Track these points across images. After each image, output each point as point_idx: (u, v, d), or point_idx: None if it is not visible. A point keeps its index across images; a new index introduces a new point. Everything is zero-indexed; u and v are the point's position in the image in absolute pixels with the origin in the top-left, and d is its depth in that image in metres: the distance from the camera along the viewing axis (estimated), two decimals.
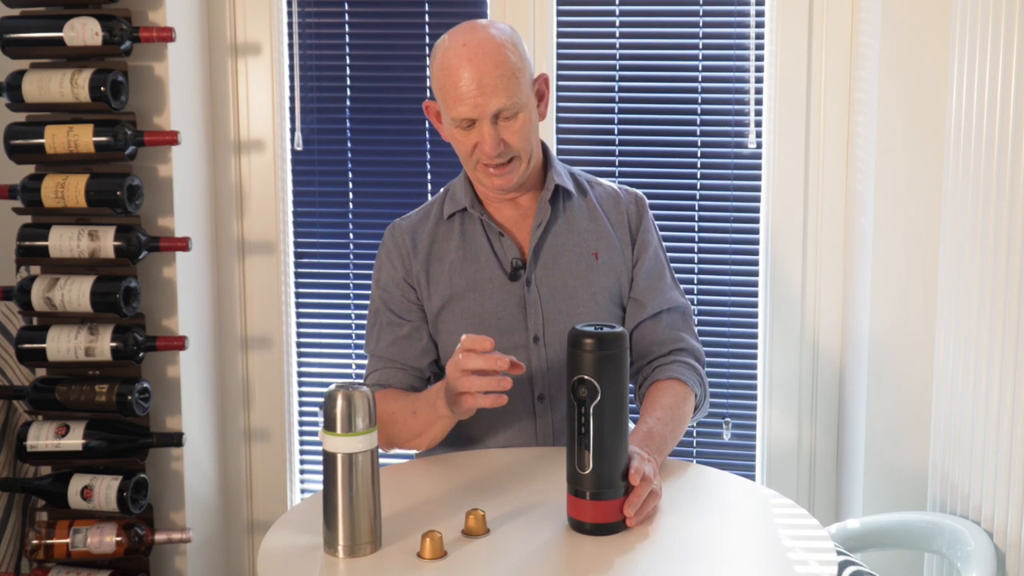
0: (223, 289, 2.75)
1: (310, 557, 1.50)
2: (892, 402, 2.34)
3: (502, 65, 1.81)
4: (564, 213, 1.97)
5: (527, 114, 1.86)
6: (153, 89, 2.47)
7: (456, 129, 1.87)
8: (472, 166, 1.90)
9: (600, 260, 1.95)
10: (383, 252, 2.01)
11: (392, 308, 1.98)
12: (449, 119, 1.87)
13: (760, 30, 2.53)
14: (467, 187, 1.98)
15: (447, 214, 1.98)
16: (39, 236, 2.35)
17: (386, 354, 1.97)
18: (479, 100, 1.80)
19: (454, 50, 1.83)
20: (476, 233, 1.96)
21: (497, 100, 1.81)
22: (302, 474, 2.85)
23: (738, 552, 1.53)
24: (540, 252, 1.94)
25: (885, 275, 2.32)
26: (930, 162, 2.26)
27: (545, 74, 1.93)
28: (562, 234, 1.96)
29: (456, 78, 1.81)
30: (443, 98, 1.86)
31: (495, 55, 1.81)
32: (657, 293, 1.98)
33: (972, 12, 2.00)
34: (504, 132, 1.84)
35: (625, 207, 2.01)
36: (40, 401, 2.37)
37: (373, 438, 1.48)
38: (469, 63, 1.81)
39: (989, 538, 1.93)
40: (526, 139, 1.87)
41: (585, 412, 1.52)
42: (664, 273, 2.01)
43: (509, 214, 1.97)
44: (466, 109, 1.82)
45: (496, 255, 1.94)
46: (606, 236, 1.97)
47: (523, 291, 1.93)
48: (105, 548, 2.35)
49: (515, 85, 1.82)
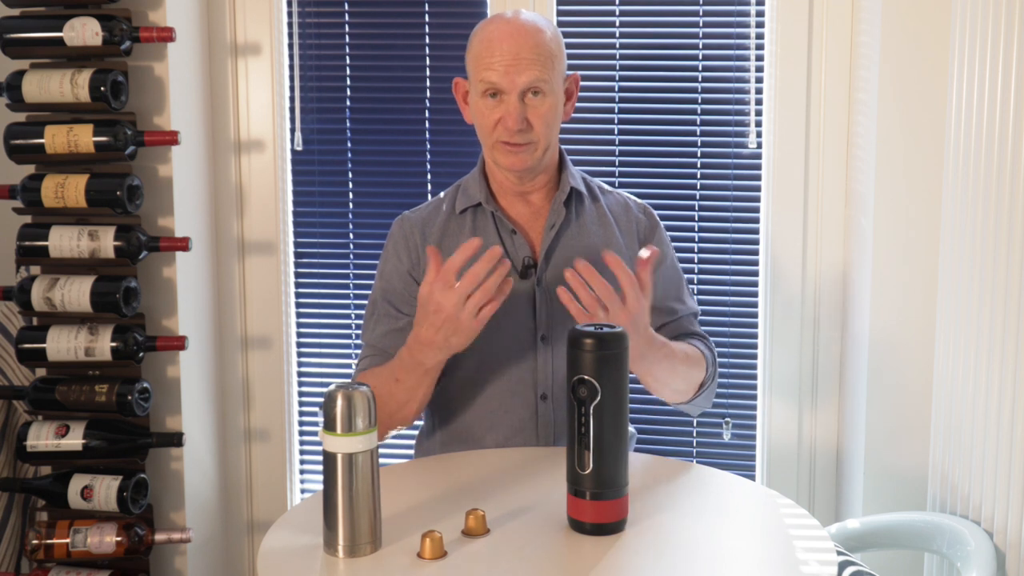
0: (223, 289, 2.75)
1: (310, 557, 1.50)
2: (892, 402, 2.34)
3: (542, 46, 1.86)
4: (576, 216, 1.98)
5: (554, 100, 1.89)
6: (153, 89, 2.47)
7: (481, 101, 1.88)
8: (491, 144, 1.91)
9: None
10: (390, 243, 2.01)
11: (391, 300, 1.98)
12: (477, 86, 1.89)
13: (760, 30, 2.53)
14: (481, 181, 1.98)
15: (459, 209, 1.98)
16: (39, 236, 2.35)
17: (379, 344, 1.97)
18: (512, 70, 1.84)
19: (497, 24, 1.89)
20: (488, 229, 1.96)
21: (529, 74, 1.84)
22: (302, 474, 2.86)
23: (738, 552, 1.53)
24: (552, 253, 1.95)
25: (885, 275, 2.32)
26: (930, 162, 2.26)
27: (578, 75, 1.96)
28: (573, 236, 1.97)
29: (494, 47, 1.86)
30: (475, 65, 1.89)
31: (536, 36, 1.87)
32: (677, 303, 2.04)
33: (972, 12, 2.00)
34: (529, 111, 1.87)
35: (635, 216, 2.04)
36: (40, 401, 2.37)
37: (373, 438, 1.48)
38: (510, 37, 1.85)
39: (989, 538, 1.93)
40: (548, 126, 1.89)
41: (585, 412, 1.52)
42: (682, 285, 2.07)
43: (522, 211, 1.98)
44: (497, 75, 1.84)
45: (507, 252, 1.94)
46: (615, 243, 1.98)
47: (533, 290, 1.94)
48: (105, 548, 2.35)
49: (549, 67, 1.86)
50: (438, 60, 2.66)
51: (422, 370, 1.80)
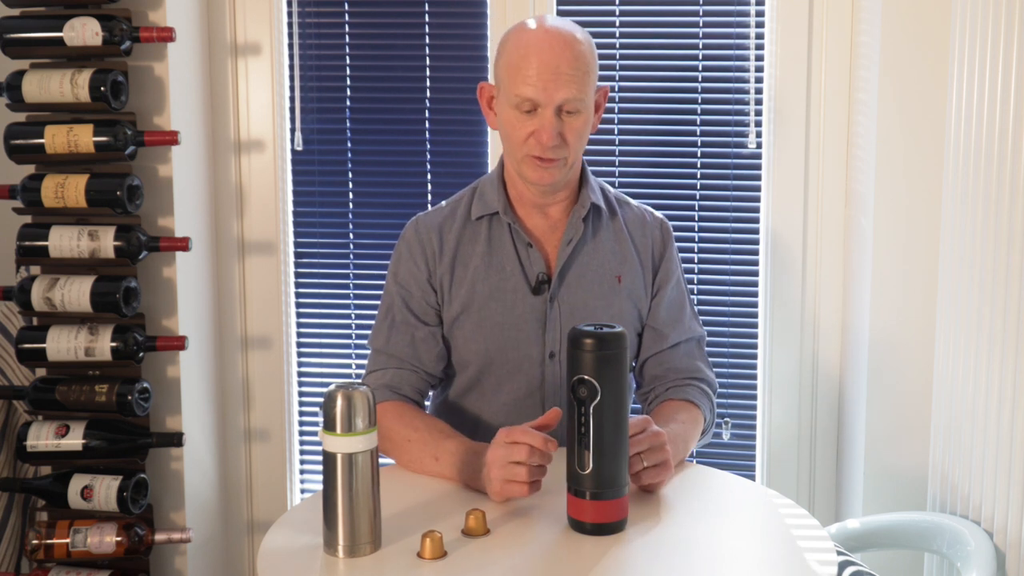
0: (223, 289, 2.75)
1: (310, 557, 1.50)
2: (892, 402, 2.34)
3: (580, 59, 1.80)
4: (593, 233, 1.94)
5: (587, 115, 1.83)
6: (153, 89, 2.47)
7: (514, 112, 1.82)
8: (519, 157, 1.85)
9: (623, 284, 1.93)
10: (405, 247, 1.95)
11: (411, 307, 1.93)
12: (511, 98, 1.81)
13: (760, 30, 2.53)
14: (500, 189, 1.93)
15: (476, 216, 1.93)
16: (39, 236, 2.35)
17: (401, 354, 1.92)
18: (550, 85, 1.77)
19: (536, 33, 1.81)
20: (504, 240, 1.92)
21: (567, 90, 1.78)
22: (302, 474, 2.86)
23: (738, 552, 1.53)
24: (566, 270, 1.91)
25: (885, 275, 2.32)
26: (930, 162, 2.26)
27: (607, 87, 1.91)
28: (588, 253, 1.93)
29: (532, 59, 1.78)
30: (511, 76, 1.81)
31: (575, 48, 1.80)
32: (678, 325, 1.97)
33: (972, 12, 2.00)
34: (564, 127, 1.81)
35: (651, 232, 1.99)
36: (40, 401, 2.37)
37: (373, 438, 1.48)
38: (550, 48, 1.78)
39: (989, 538, 1.93)
40: (580, 140, 1.84)
41: (585, 412, 1.52)
42: (685, 304, 2.00)
43: (539, 224, 1.93)
44: (534, 91, 1.78)
45: (522, 266, 1.91)
46: (630, 260, 1.95)
47: (545, 306, 1.90)
48: (105, 548, 2.35)
49: (586, 83, 1.81)
50: (438, 60, 2.66)
51: (456, 477, 1.74)
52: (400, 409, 1.86)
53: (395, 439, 1.82)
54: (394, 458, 1.85)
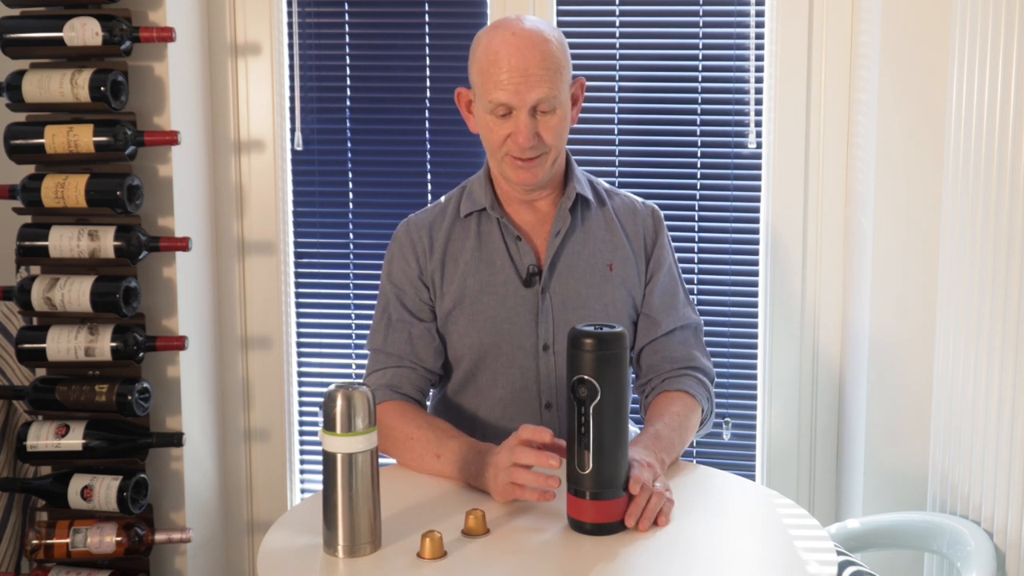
0: (223, 289, 2.75)
1: (310, 557, 1.50)
2: (892, 402, 2.34)
3: (549, 58, 1.81)
4: (582, 223, 1.95)
5: (563, 111, 1.85)
6: (153, 89, 2.47)
7: (490, 116, 1.84)
8: (500, 158, 1.87)
9: (614, 272, 1.94)
10: (397, 247, 1.98)
11: (406, 305, 1.95)
12: (485, 104, 1.84)
13: (760, 30, 2.53)
14: (487, 186, 1.95)
15: (464, 213, 1.95)
16: (39, 236, 2.35)
17: (399, 352, 1.94)
18: (522, 88, 1.79)
19: (502, 37, 1.82)
20: (493, 235, 1.94)
21: (539, 91, 1.80)
22: (302, 474, 2.86)
23: (738, 552, 1.53)
24: (556, 261, 1.93)
25: (885, 275, 2.32)
26: (930, 162, 2.26)
27: (582, 78, 1.92)
28: (578, 243, 1.94)
29: (502, 63, 1.80)
30: (483, 82, 1.83)
31: (543, 47, 1.81)
32: (671, 311, 1.97)
33: (972, 12, 2.00)
34: (540, 126, 1.83)
35: (642, 220, 2.00)
36: (40, 401, 2.37)
37: (373, 438, 1.48)
38: (518, 51, 1.80)
39: (989, 538, 1.93)
40: (559, 137, 1.86)
41: (585, 412, 1.52)
42: (678, 291, 2.00)
43: (527, 218, 1.95)
44: (506, 95, 1.80)
45: (512, 259, 1.92)
46: (621, 248, 1.96)
47: (536, 298, 1.91)
48: (105, 548, 2.35)
49: (558, 80, 1.82)
50: (438, 60, 2.66)
51: (459, 476, 1.75)
52: (402, 408, 1.87)
53: (397, 437, 1.83)
54: (396, 457, 1.85)
